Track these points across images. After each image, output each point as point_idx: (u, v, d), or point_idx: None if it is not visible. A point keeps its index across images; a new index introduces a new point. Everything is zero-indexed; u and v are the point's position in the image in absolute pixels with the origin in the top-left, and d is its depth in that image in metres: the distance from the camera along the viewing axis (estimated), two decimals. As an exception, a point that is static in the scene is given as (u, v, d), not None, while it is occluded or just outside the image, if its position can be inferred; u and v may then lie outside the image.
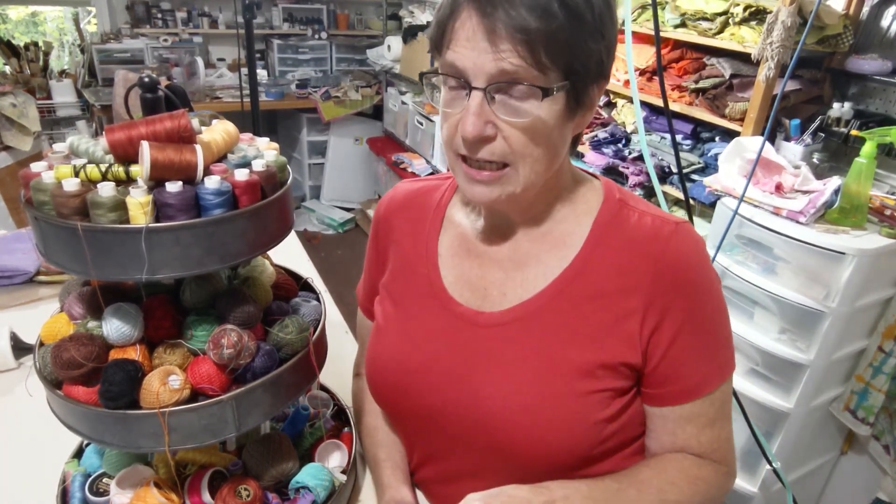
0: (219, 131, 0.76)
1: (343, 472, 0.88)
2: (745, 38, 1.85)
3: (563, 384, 0.71)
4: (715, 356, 0.74)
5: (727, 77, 1.98)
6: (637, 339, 0.71)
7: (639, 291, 0.71)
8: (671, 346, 0.71)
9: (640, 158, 2.32)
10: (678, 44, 2.17)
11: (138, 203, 0.64)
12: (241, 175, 0.70)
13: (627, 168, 2.31)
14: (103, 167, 0.68)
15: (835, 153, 1.92)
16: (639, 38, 2.31)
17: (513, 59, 0.60)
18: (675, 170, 2.17)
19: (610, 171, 2.36)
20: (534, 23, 0.59)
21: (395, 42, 4.01)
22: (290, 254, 1.60)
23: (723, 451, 0.77)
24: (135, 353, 0.71)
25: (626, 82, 2.35)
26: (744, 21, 1.86)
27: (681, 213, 2.15)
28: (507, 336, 0.75)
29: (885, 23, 1.87)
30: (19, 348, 1.19)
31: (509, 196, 0.69)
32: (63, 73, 3.67)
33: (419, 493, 0.89)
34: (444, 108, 0.68)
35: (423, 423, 0.81)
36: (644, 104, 2.28)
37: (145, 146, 0.65)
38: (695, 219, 1.95)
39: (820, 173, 1.76)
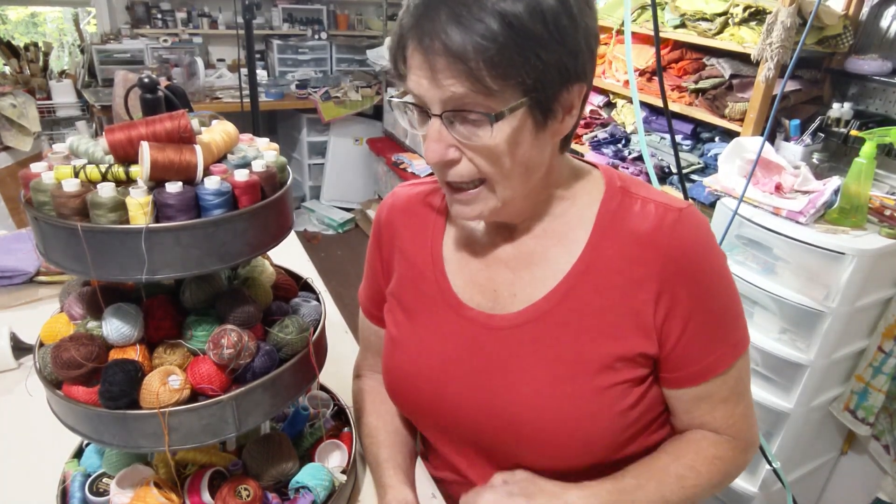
0: (219, 132, 0.76)
1: (343, 472, 0.88)
2: (745, 39, 1.85)
3: (583, 381, 0.72)
4: (727, 336, 0.75)
5: (727, 77, 1.98)
6: (651, 328, 0.72)
7: (649, 281, 0.71)
8: (684, 332, 0.72)
9: (640, 159, 2.32)
10: (678, 44, 2.18)
11: (138, 203, 0.64)
12: (241, 175, 0.70)
13: (627, 168, 2.31)
14: (103, 168, 0.68)
15: (834, 153, 1.92)
16: (638, 38, 2.31)
17: (455, 88, 0.60)
18: (674, 170, 2.17)
19: (610, 171, 2.36)
20: (471, 51, 0.58)
21: (395, 42, 4.01)
22: (290, 254, 1.60)
23: (738, 426, 0.78)
24: (135, 354, 0.72)
25: (626, 82, 2.35)
26: (743, 21, 1.87)
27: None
28: (523, 338, 0.75)
29: (884, 23, 1.87)
30: (19, 348, 1.19)
31: (492, 211, 0.70)
32: (63, 74, 3.67)
33: (438, 493, 0.89)
34: (415, 130, 0.69)
35: (447, 429, 0.81)
36: (644, 104, 2.28)
37: (145, 147, 0.65)
38: (695, 219, 1.94)
39: (820, 173, 1.76)
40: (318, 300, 0.92)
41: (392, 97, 0.70)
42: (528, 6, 0.58)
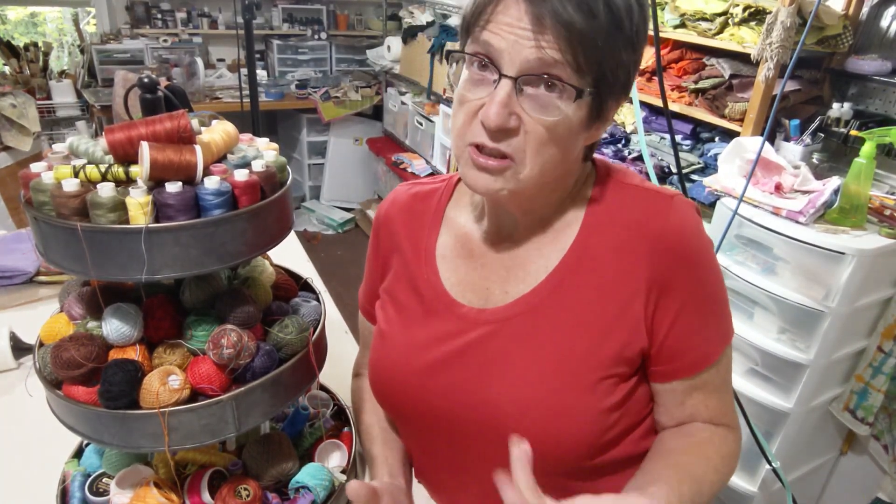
0: (218, 132, 0.76)
1: (343, 471, 0.88)
2: (745, 39, 1.85)
3: (571, 375, 0.71)
4: (717, 325, 0.75)
5: (727, 77, 1.98)
6: (641, 320, 0.71)
7: (639, 272, 0.71)
8: (676, 322, 0.71)
9: (640, 158, 2.32)
10: (678, 44, 2.18)
11: (138, 203, 0.64)
12: (241, 175, 0.70)
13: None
14: (103, 168, 0.68)
15: (834, 153, 1.92)
16: (638, 38, 2.31)
17: (553, 53, 0.59)
18: (674, 170, 2.17)
19: (610, 171, 2.36)
20: (580, 21, 0.58)
21: (394, 42, 4.02)
22: (290, 254, 1.60)
23: (729, 414, 0.79)
24: (135, 353, 0.72)
25: (626, 82, 2.35)
26: (743, 21, 1.87)
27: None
28: (511, 331, 0.75)
29: (884, 23, 1.87)
30: (19, 348, 1.19)
31: (511, 192, 0.68)
32: (63, 74, 3.68)
33: (424, 492, 0.89)
34: (463, 91, 0.66)
35: (430, 425, 0.81)
36: (644, 104, 2.28)
37: (145, 147, 0.65)
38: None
39: (819, 173, 1.76)
40: (317, 300, 0.92)
41: (451, 50, 0.68)
42: (624, 0, 0.61)
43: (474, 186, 0.68)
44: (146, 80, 0.74)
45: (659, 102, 2.18)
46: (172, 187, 0.65)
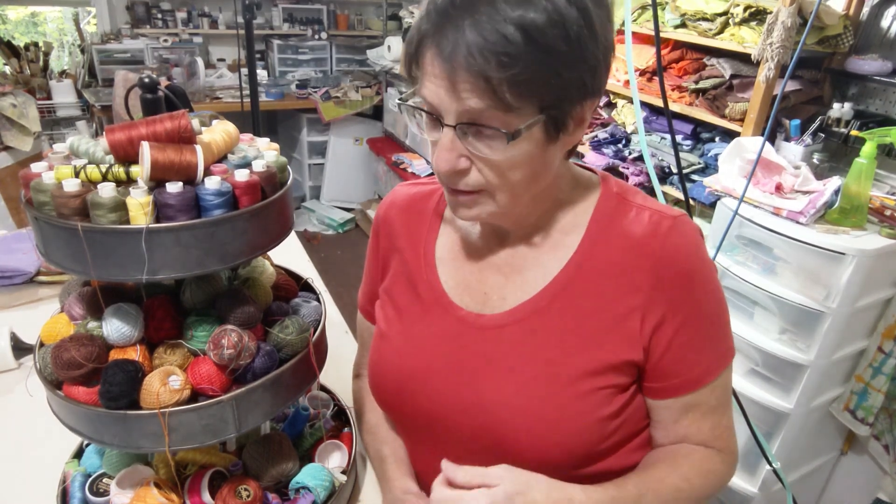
0: (219, 132, 0.76)
1: (343, 472, 0.88)
2: (745, 39, 1.85)
3: (566, 383, 0.71)
4: (715, 345, 0.75)
5: (727, 77, 1.98)
6: (638, 337, 0.72)
7: (639, 289, 0.71)
8: (673, 341, 0.72)
9: (640, 159, 2.33)
10: (678, 44, 2.18)
11: (138, 203, 0.64)
12: (242, 175, 0.70)
13: (627, 168, 2.31)
14: (103, 168, 0.68)
15: (835, 153, 1.92)
16: (639, 38, 2.31)
17: (474, 103, 0.59)
18: (675, 170, 2.17)
19: (610, 171, 2.36)
20: (494, 70, 0.56)
21: (395, 42, 4.01)
22: (290, 254, 1.60)
23: (724, 438, 0.78)
24: (135, 354, 0.72)
25: (626, 82, 2.35)
26: (744, 21, 1.87)
27: (681, 214, 2.14)
28: (509, 338, 0.75)
29: (885, 23, 1.87)
30: (19, 348, 1.19)
31: (490, 214, 0.70)
32: (63, 74, 3.67)
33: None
34: (425, 133, 0.68)
35: (426, 427, 0.81)
36: (644, 104, 2.28)
37: (145, 147, 0.65)
38: (695, 219, 1.95)
39: (820, 173, 1.76)
40: (318, 300, 0.92)
41: (401, 99, 0.69)
42: (550, 19, 0.57)
43: (457, 216, 0.72)
44: (146, 79, 0.74)
45: (659, 102, 2.18)
46: (173, 187, 0.65)
